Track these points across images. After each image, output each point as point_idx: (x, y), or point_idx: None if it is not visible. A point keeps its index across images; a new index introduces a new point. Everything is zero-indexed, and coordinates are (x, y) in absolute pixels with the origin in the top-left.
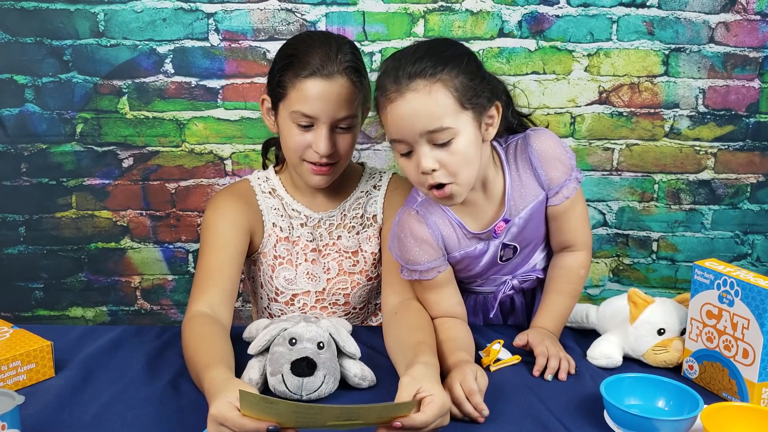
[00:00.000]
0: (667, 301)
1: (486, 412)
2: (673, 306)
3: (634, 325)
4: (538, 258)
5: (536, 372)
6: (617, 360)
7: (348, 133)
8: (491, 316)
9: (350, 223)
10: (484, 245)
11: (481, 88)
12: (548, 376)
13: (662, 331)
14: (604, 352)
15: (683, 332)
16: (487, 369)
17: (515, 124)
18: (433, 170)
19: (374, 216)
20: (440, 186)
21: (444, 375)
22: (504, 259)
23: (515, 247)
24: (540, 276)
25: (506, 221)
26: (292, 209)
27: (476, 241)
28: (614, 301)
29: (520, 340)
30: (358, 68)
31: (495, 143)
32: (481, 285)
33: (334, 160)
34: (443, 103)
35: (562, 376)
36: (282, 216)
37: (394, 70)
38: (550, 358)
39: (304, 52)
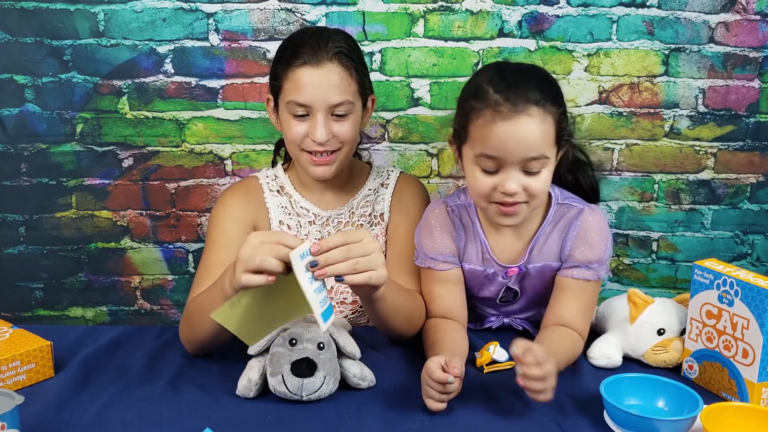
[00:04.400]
0: (667, 301)
1: (453, 375)
2: (672, 306)
3: (634, 326)
4: (531, 313)
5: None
6: (617, 360)
7: (345, 120)
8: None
9: (358, 221)
10: (491, 273)
11: (568, 130)
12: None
13: (662, 331)
14: (603, 352)
15: (683, 332)
16: (480, 369)
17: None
18: (515, 193)
19: (381, 214)
20: (511, 204)
21: None
22: (503, 300)
23: (516, 292)
24: (529, 329)
25: (520, 270)
26: (301, 207)
27: (488, 266)
28: (614, 301)
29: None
30: (350, 54)
31: (555, 192)
32: (475, 306)
33: (333, 148)
34: (549, 133)
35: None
36: (290, 214)
37: (509, 88)
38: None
39: (296, 43)
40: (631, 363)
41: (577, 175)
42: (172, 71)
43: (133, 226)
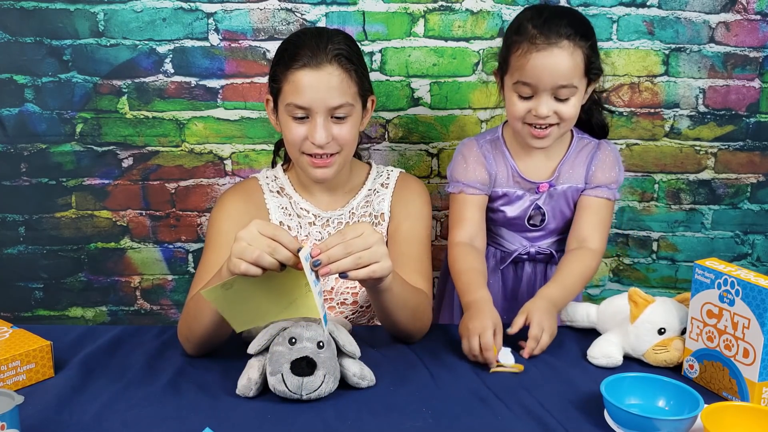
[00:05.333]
0: (668, 300)
1: (493, 365)
2: (673, 305)
3: (635, 325)
4: (555, 239)
5: (525, 354)
6: (617, 359)
7: (345, 122)
8: (501, 267)
9: (359, 221)
10: (522, 194)
11: (597, 65)
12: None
13: (663, 330)
14: (604, 351)
15: (684, 332)
16: (486, 368)
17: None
18: (547, 116)
19: (382, 214)
20: (542, 126)
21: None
22: (531, 222)
23: (544, 215)
24: (554, 251)
25: (551, 185)
26: (301, 208)
27: (518, 187)
28: (615, 301)
29: (517, 325)
30: (350, 56)
31: (574, 129)
32: (504, 239)
33: (333, 151)
34: (579, 65)
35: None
36: (290, 215)
37: (545, 23)
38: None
39: (295, 45)
40: (631, 362)
41: (590, 115)
42: (172, 71)
43: (132, 226)
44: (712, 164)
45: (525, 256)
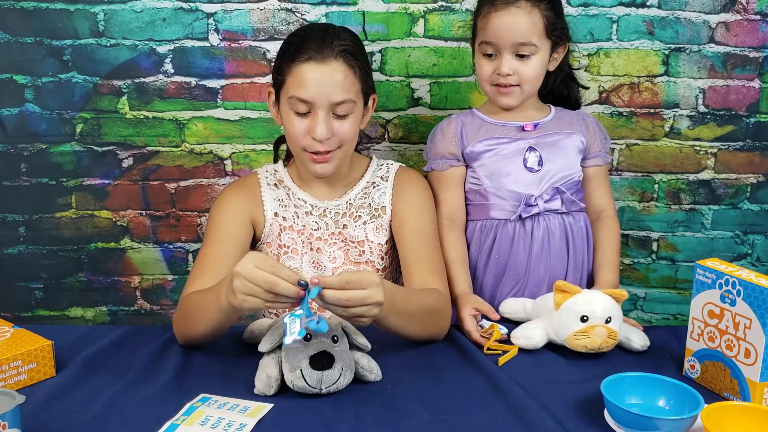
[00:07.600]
0: (594, 291)
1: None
2: (598, 295)
3: (558, 312)
4: (559, 197)
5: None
6: (537, 342)
7: (346, 119)
8: (521, 217)
9: (356, 212)
10: (510, 139)
11: (561, 28)
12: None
13: (585, 318)
14: (525, 333)
15: (608, 320)
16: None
17: (561, 78)
18: (508, 75)
19: (383, 207)
20: (506, 85)
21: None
22: (528, 165)
23: (539, 157)
24: (571, 196)
25: (534, 125)
26: (298, 198)
27: (502, 133)
28: (548, 295)
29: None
30: (355, 53)
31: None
32: (509, 199)
33: (332, 147)
34: (537, 25)
35: None
36: (286, 206)
37: None
38: None
39: (302, 38)
40: (616, 360)
41: (568, 89)
42: (172, 71)
43: (133, 226)
44: (712, 164)
45: (535, 206)
